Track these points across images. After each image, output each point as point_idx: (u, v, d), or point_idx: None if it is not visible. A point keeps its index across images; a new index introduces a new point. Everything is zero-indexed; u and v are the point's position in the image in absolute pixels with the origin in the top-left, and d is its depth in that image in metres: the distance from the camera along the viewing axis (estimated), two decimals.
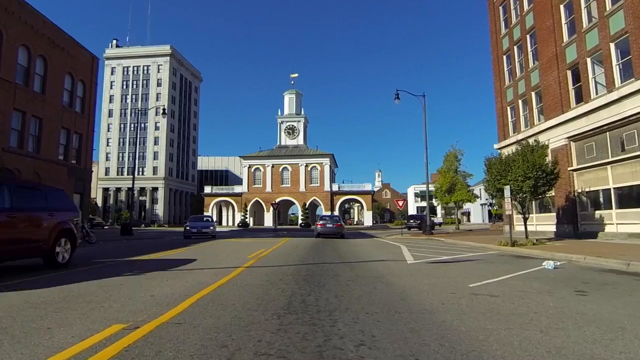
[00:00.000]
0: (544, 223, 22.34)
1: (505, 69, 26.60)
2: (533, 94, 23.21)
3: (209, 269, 8.16)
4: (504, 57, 26.72)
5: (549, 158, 16.99)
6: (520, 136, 23.78)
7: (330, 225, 24.18)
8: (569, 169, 19.67)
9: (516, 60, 25.18)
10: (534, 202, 24.01)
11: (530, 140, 17.38)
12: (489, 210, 75.37)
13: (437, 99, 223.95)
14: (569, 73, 19.97)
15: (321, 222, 25.06)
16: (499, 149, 26.91)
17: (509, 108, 26.22)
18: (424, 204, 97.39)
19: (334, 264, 9.31)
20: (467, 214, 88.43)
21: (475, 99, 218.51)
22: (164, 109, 34.08)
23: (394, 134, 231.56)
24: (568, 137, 19.87)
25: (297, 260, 10.09)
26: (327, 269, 8.25)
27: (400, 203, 29.19)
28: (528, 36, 23.64)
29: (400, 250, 14.18)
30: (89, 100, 33.37)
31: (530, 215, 24.47)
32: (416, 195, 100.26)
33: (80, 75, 32.03)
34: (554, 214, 21.26)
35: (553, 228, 21.31)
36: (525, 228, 17.26)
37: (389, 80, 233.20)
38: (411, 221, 35.81)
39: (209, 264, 9.19)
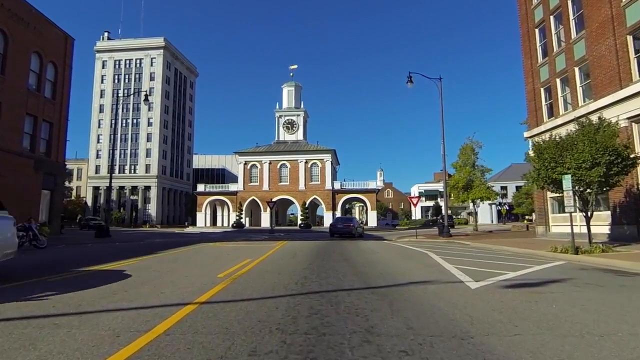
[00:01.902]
0: (592, 223, 18.54)
1: (538, 44, 22.87)
2: (577, 69, 19.48)
3: (128, 309, 4.38)
4: (536, 30, 22.98)
5: (619, 139, 13.24)
6: (559, 120, 20.08)
7: (341, 226, 27.22)
8: (631, 156, 15.89)
9: (552, 32, 21.44)
10: (577, 199, 20.36)
11: (593, 118, 13.65)
12: (499, 210, 71.60)
13: (445, 95, 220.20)
14: (629, 39, 16.23)
15: (334, 222, 29.09)
16: (530, 137, 23.18)
17: (542, 89, 22.48)
18: (428, 203, 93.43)
19: (354, 293, 5.55)
20: (475, 214, 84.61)
21: (483, 95, 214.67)
22: (146, 95, 30.29)
23: (396, 133, 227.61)
24: (628, 118, 16.12)
25: (293, 284, 6.33)
26: (346, 311, 4.47)
27: (415, 200, 25.45)
28: (569, 1, 19.91)
29: (434, 261, 10.44)
30: (61, 85, 29.57)
31: (573, 214, 20.79)
32: (420, 194, 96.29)
33: (50, 56, 28.24)
34: (608, 212, 17.52)
35: (605, 230, 17.57)
36: (589, 230, 13.49)
37: (390, 78, 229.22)
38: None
39: (142, 293, 5.42)
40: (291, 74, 65.09)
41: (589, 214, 13.39)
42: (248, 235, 32.59)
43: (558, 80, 21.00)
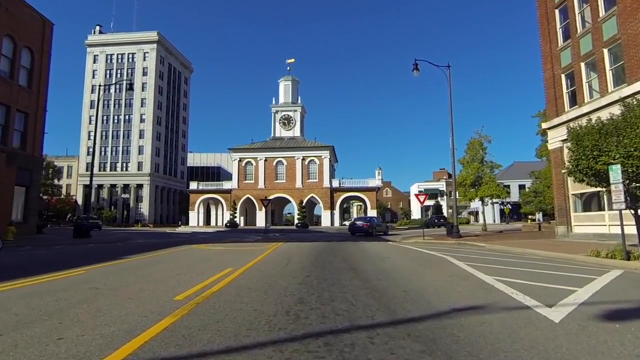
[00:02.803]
0: (616, 223, 16.52)
1: (558, 26, 20.81)
2: (605, 51, 17.44)
3: None
4: (556, 11, 20.94)
5: None
6: (585, 108, 18.03)
7: (359, 224, 29.32)
8: None
9: (576, 11, 19.39)
10: (605, 197, 18.35)
11: None
12: (501, 209, 69.59)
13: (445, 92, 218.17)
14: None
15: (353, 222, 31.38)
16: (549, 129, 21.17)
17: (563, 76, 20.44)
18: (428, 202, 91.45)
19: (380, 335, 3.41)
20: (475, 213, 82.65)
21: (484, 94, 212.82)
22: (129, 83, 28.10)
23: (394, 132, 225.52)
24: None
25: (281, 315, 4.19)
26: None
27: (422, 198, 23.40)
28: None
29: (463, 270, 8.34)
30: (38, 72, 27.30)
31: (601, 212, 18.81)
32: (420, 193, 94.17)
33: (25, 41, 25.94)
34: None
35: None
36: None
37: (387, 77, 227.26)
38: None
39: (25, 339, 3.26)
40: (288, 68, 62.82)
41: None
42: (241, 235, 30.44)
43: (583, 65, 18.95)
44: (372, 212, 53.78)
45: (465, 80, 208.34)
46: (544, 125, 21.61)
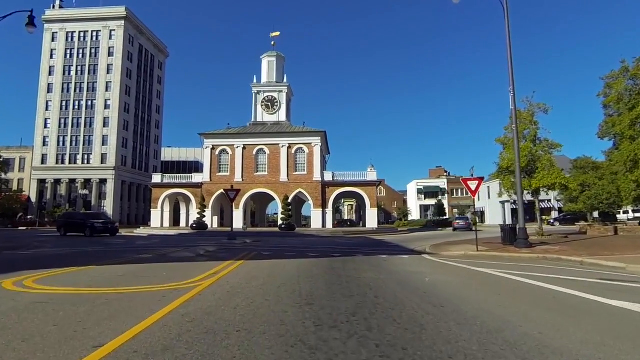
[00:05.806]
0: None
1: None
2: None
3: None
4: None
5: None
6: None
7: (462, 223, 38.58)
8: None
9: None
10: None
11: None
12: (513, 209, 61.94)
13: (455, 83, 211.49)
14: None
15: (455, 220, 42.80)
16: None
17: None
18: (428, 202, 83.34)
19: None
20: (481, 214, 74.96)
21: (496, 89, 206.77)
22: (30, 16, 19.07)
23: (387, 131, 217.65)
24: None
25: None
26: None
27: (473, 185, 14.86)
28: None
29: None
30: None
31: None
32: (419, 191, 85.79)
33: None
34: None
35: None
36: None
37: (380, 76, 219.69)
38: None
39: None
40: (273, 43, 53.73)
41: None
42: (197, 241, 21.58)
43: None
44: (371, 211, 45.18)
45: (470, 77, 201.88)
46: None
